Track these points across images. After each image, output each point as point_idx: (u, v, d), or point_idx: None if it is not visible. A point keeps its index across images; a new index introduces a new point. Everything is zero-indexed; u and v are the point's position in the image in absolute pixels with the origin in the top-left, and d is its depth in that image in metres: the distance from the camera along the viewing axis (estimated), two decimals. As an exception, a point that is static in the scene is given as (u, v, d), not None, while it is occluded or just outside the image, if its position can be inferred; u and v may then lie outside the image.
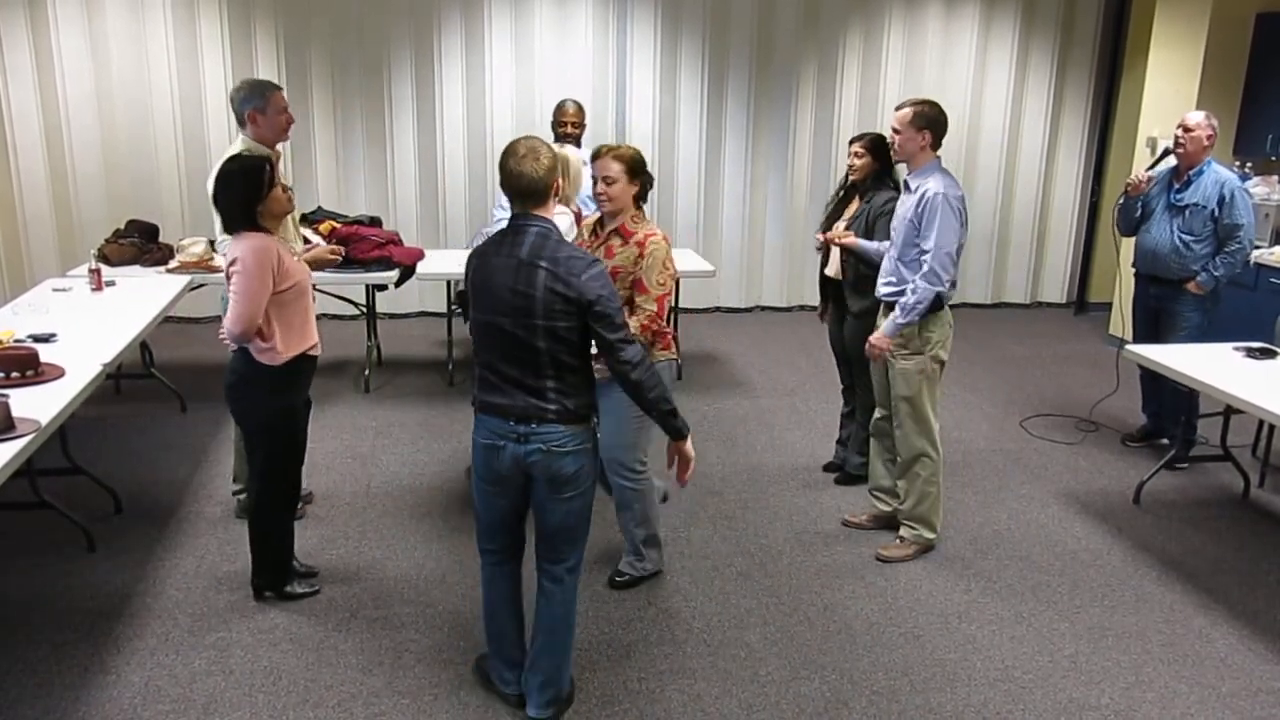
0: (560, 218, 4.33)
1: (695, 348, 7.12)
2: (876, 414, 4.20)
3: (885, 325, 3.90)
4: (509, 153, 2.76)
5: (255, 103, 3.95)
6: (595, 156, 3.48)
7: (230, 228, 3.31)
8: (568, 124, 5.44)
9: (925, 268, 3.76)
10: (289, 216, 4.02)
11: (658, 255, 3.44)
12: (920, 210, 3.78)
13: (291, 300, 3.34)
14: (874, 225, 4.34)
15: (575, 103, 5.56)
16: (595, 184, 3.47)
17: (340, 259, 4.43)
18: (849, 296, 4.51)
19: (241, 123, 4.00)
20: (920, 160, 3.85)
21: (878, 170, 4.43)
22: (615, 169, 3.43)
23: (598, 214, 3.62)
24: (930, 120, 3.81)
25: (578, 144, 5.39)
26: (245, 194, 3.25)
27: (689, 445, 2.92)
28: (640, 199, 3.54)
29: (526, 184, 2.73)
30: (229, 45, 7.06)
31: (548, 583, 2.94)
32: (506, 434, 2.78)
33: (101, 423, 5.39)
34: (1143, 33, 7.67)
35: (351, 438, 5.24)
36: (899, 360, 3.91)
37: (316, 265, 4.17)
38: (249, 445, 3.52)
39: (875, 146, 4.41)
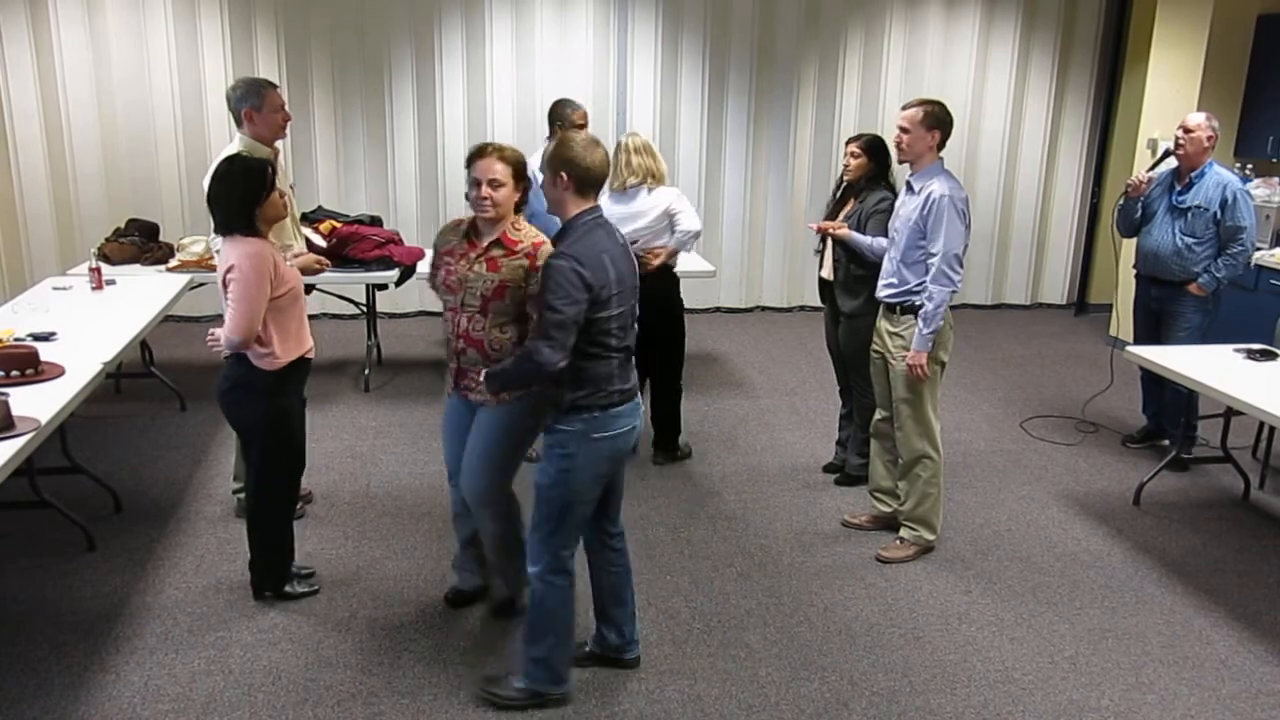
0: (681, 199, 4.65)
1: (695, 348, 7.12)
2: (877, 415, 4.19)
3: (915, 341, 3.82)
4: (578, 144, 2.78)
5: (251, 101, 3.95)
6: (478, 156, 3.08)
7: (225, 230, 3.27)
8: (582, 127, 5.13)
9: (934, 271, 3.75)
10: (289, 218, 4.02)
11: None
12: (926, 213, 3.76)
13: (287, 305, 3.33)
14: (865, 224, 4.32)
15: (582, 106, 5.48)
16: (476, 187, 3.06)
17: (326, 269, 4.40)
18: (839, 297, 4.50)
19: (238, 121, 4.00)
20: (925, 161, 3.83)
21: (873, 171, 4.42)
22: (501, 170, 3.04)
23: (466, 217, 3.24)
24: (939, 120, 3.80)
25: None
26: (244, 196, 3.22)
27: None
28: (520, 204, 3.17)
29: (602, 173, 2.82)
30: (230, 44, 7.05)
31: (618, 544, 3.16)
32: (636, 412, 2.94)
33: (101, 422, 5.38)
34: (1144, 34, 7.67)
35: (351, 438, 5.24)
36: (899, 362, 3.91)
37: (303, 273, 4.15)
38: (245, 449, 3.52)
39: (871, 147, 4.40)
